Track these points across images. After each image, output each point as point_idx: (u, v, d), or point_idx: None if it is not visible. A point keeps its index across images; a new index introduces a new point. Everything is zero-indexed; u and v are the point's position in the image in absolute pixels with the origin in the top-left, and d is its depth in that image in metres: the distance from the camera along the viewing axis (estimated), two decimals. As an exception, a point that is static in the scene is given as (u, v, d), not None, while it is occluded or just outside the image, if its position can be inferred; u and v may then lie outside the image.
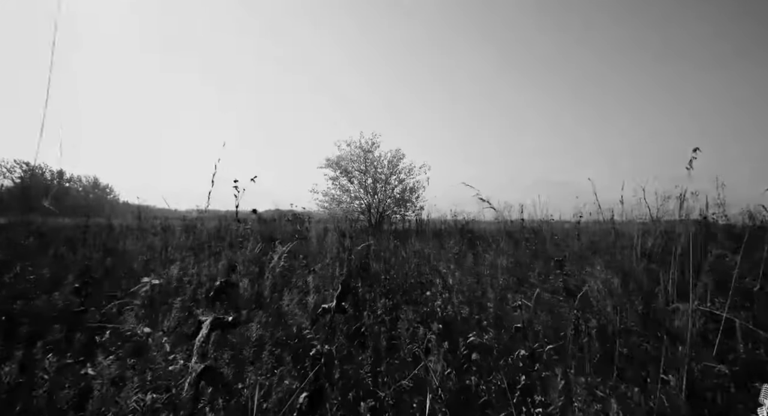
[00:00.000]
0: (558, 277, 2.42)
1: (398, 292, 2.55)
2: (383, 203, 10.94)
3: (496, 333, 1.69)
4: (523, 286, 2.75)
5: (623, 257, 3.44)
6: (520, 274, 2.95)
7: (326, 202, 10.95)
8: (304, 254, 4.73)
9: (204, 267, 3.64)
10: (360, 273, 3.46)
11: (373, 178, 10.85)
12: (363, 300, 2.35)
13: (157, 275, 3.16)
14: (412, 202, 11.15)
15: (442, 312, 1.95)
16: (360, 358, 1.52)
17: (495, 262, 3.32)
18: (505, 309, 2.00)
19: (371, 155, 10.95)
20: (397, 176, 11.09)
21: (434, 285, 2.40)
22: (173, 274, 3.09)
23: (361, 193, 11.00)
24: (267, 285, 2.45)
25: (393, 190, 11.05)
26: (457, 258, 4.28)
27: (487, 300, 2.08)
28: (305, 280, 2.42)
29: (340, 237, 4.53)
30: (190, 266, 3.70)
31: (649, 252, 3.73)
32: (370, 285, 2.95)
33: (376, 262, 3.96)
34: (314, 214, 10.70)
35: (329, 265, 3.16)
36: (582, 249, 4.56)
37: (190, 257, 4.23)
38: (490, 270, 2.71)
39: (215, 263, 3.70)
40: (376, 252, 4.33)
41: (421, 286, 2.44)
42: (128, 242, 5.50)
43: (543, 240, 5.62)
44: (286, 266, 3.82)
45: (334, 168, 11.04)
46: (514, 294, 2.13)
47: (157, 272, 3.44)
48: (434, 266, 3.14)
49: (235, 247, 4.56)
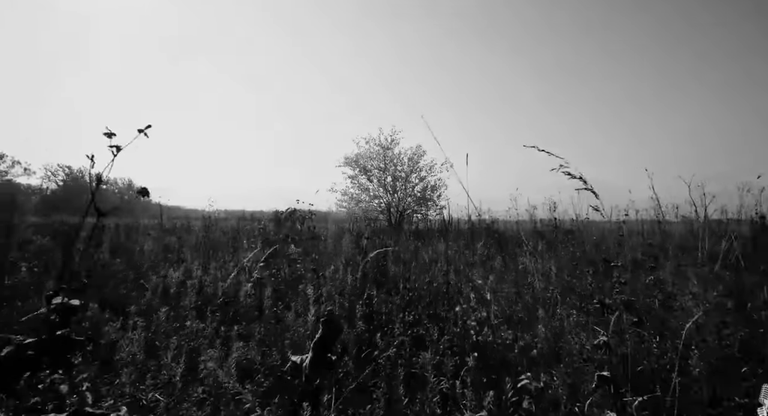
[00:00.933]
0: (618, 288, 1.93)
1: (420, 303, 2.15)
2: (403, 202, 10.52)
3: (549, 372, 1.25)
4: (571, 298, 2.26)
5: (695, 263, 2.85)
6: (566, 283, 2.47)
7: (345, 202, 10.67)
8: (319, 253, 4.42)
9: (212, 269, 3.39)
10: (377, 277, 3.08)
11: (392, 176, 10.46)
12: (378, 312, 1.97)
13: (160, 278, 2.93)
14: (434, 201, 10.65)
15: (476, 334, 1.52)
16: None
17: (532, 267, 2.84)
18: (558, 331, 1.55)
19: (390, 152, 10.56)
20: (418, 174, 10.64)
21: (463, 295, 1.98)
22: (174, 279, 2.83)
23: (381, 192, 10.63)
24: (268, 296, 2.11)
25: (413, 189, 10.61)
26: (485, 262, 3.81)
27: (535, 318, 1.63)
28: (307, 290, 2.06)
29: (355, 238, 4.17)
30: (196, 268, 3.46)
31: (723, 256, 3.11)
32: (387, 292, 2.56)
33: (395, 265, 3.56)
34: (332, 214, 10.44)
35: (342, 269, 2.80)
36: (632, 252, 3.95)
37: (198, 259, 4.02)
38: (530, 277, 2.25)
39: (222, 266, 3.44)
40: (396, 254, 3.94)
41: (447, 298, 2.02)
42: (148, 241, 5.41)
43: (581, 243, 5.01)
44: (298, 269, 3.51)
45: (353, 166, 10.73)
46: (569, 312, 1.67)
47: (162, 275, 3.22)
48: (462, 271, 2.71)
49: (245, 249, 4.31)
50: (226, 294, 2.45)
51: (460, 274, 2.74)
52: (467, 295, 1.98)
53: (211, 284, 2.83)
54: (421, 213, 10.79)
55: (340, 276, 2.58)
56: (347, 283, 2.39)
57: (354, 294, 2.33)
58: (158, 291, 2.71)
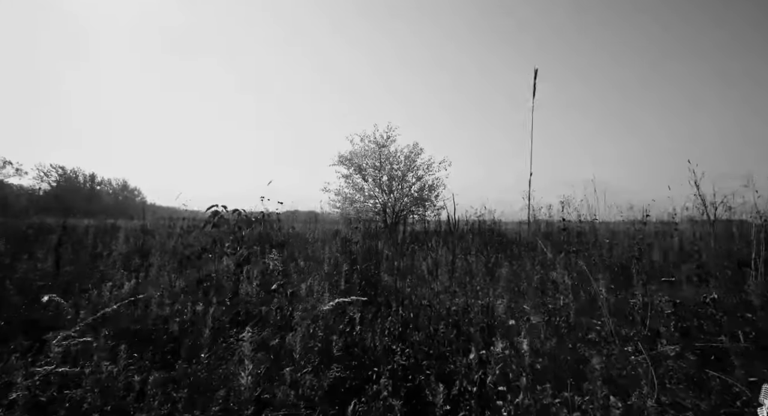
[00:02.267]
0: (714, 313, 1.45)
1: (419, 333, 1.67)
2: (400, 202, 10.04)
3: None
4: (627, 331, 1.77)
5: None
6: (613, 303, 2.00)
7: (338, 202, 10.17)
8: (306, 258, 3.92)
9: (172, 280, 2.89)
10: (365, 290, 2.59)
11: (388, 175, 9.97)
12: (362, 348, 1.49)
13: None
14: (431, 201, 10.19)
15: (503, 400, 1.01)
16: None
17: (548, 278, 2.37)
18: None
19: (386, 150, 10.07)
20: (415, 173, 10.15)
21: (474, 323, 1.51)
22: (125, 290, 2.32)
23: (376, 192, 10.14)
24: (206, 331, 1.61)
25: (410, 188, 10.13)
26: (491, 269, 3.34)
27: (584, 361, 1.15)
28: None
29: (342, 243, 3.67)
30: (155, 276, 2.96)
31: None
32: (377, 311, 2.08)
33: (388, 274, 3.08)
34: (324, 215, 9.94)
35: (319, 282, 2.32)
36: (658, 258, 3.48)
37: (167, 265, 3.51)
38: (558, 295, 1.77)
39: (181, 277, 2.94)
40: (390, 261, 3.45)
41: (456, 331, 1.52)
42: (118, 244, 4.88)
43: (595, 246, 4.55)
44: (271, 279, 3.02)
45: (347, 165, 10.23)
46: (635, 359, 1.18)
47: (115, 283, 2.71)
48: (468, 285, 2.24)
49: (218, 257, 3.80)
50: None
51: (466, 287, 2.26)
52: (478, 322, 1.50)
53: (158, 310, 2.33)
54: (418, 214, 10.31)
55: (316, 292, 2.09)
56: (324, 303, 1.91)
57: (334, 315, 1.85)
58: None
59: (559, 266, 2.26)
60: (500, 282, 2.48)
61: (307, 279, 2.47)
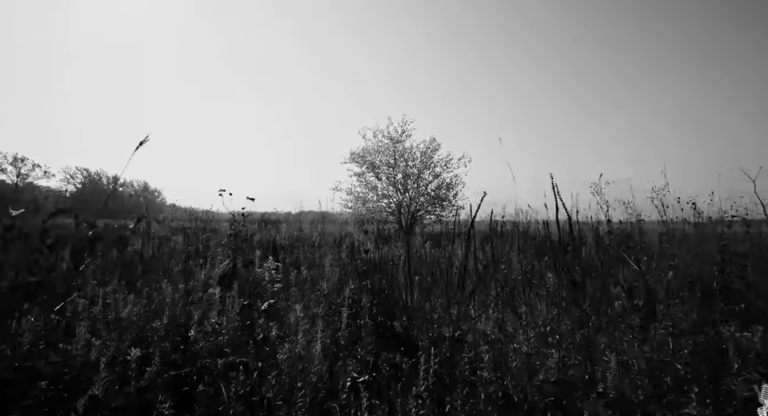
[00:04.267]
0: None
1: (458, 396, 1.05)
2: (415, 202, 9.39)
3: None
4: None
5: None
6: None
7: (350, 202, 9.61)
8: (311, 265, 3.35)
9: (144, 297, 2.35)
10: (377, 323, 1.96)
11: (403, 172, 9.33)
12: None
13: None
14: (449, 201, 9.47)
15: None
16: None
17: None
18: None
19: (401, 146, 9.44)
20: (432, 170, 9.48)
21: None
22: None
23: (390, 191, 9.52)
24: None
25: (427, 187, 9.46)
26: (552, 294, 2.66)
27: None
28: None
29: (349, 253, 3.08)
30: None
31: None
32: (393, 358, 1.47)
33: (406, 290, 2.46)
34: (335, 215, 9.40)
35: (321, 303, 1.72)
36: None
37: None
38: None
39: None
40: (407, 276, 2.83)
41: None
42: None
43: (664, 255, 3.77)
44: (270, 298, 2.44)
45: (360, 162, 9.66)
46: None
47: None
48: (558, 333, 1.60)
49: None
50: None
51: (558, 342, 1.61)
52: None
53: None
54: (435, 215, 9.63)
55: (303, 336, 1.47)
56: (316, 357, 1.30)
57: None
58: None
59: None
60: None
61: (313, 292, 1.86)
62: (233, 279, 2.50)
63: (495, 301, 2.09)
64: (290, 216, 7.49)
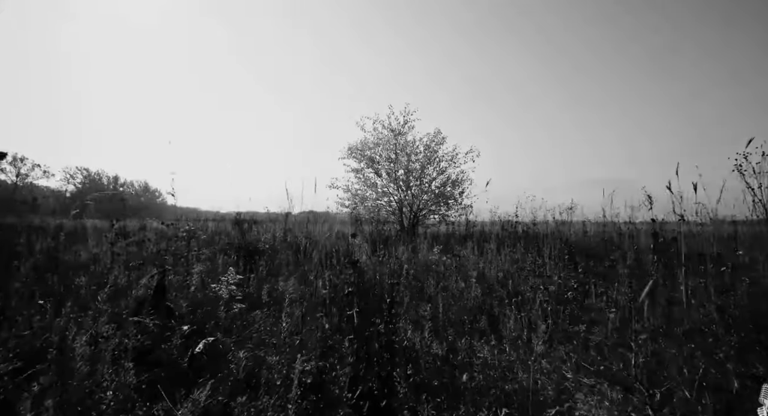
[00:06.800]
0: None
1: None
2: (418, 200, 8.59)
3: None
4: None
5: None
6: None
7: (347, 200, 8.83)
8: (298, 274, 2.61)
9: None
10: (380, 357, 1.22)
11: (405, 168, 8.54)
12: None
13: None
14: (455, 199, 8.66)
15: None
16: None
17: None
18: None
19: (403, 139, 8.64)
20: (436, 165, 8.67)
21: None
22: None
23: (391, 188, 8.74)
24: None
25: (431, 184, 8.66)
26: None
27: None
28: None
29: (336, 258, 2.32)
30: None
31: None
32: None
33: (415, 330, 1.72)
34: (332, 216, 8.62)
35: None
36: None
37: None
38: None
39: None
40: (414, 291, 2.09)
41: None
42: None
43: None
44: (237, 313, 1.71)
45: (358, 157, 8.88)
46: None
47: None
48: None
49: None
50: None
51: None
52: None
53: None
54: (439, 214, 8.84)
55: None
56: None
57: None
58: None
59: None
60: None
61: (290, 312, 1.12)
62: (161, 302, 1.74)
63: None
64: (290, 216, 6.78)
